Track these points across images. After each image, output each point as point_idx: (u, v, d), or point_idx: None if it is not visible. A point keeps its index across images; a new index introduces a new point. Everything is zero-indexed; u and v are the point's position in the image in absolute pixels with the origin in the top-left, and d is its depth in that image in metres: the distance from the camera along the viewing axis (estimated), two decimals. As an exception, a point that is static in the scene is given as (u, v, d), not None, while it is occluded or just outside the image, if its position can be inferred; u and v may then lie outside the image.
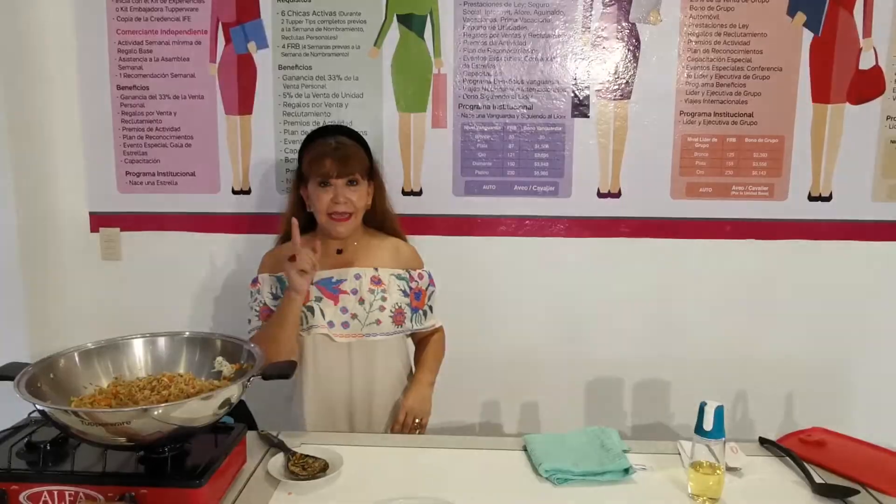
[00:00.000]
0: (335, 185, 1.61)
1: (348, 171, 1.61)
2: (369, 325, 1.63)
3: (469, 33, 2.03)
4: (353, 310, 1.63)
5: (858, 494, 1.24)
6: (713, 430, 1.22)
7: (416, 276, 1.72)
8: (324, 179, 1.61)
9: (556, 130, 2.07)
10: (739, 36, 2.01)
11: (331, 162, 1.60)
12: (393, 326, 1.66)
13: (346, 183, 1.62)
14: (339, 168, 1.60)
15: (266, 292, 1.68)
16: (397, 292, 1.67)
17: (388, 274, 1.68)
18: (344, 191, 1.61)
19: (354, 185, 1.63)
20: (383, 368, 1.68)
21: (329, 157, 1.60)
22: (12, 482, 1.12)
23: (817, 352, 2.14)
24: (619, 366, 2.18)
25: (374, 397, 1.67)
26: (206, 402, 1.13)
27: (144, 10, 2.04)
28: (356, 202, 1.63)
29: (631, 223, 2.10)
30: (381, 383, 1.68)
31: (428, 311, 1.75)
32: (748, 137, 2.06)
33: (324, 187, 1.62)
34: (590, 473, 1.30)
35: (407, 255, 1.76)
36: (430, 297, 1.76)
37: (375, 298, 1.65)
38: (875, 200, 2.07)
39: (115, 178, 2.12)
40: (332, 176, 1.60)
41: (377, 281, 1.67)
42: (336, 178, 1.61)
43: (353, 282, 1.65)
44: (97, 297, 2.15)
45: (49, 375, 1.22)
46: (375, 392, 1.67)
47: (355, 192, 1.63)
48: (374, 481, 1.30)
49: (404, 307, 1.68)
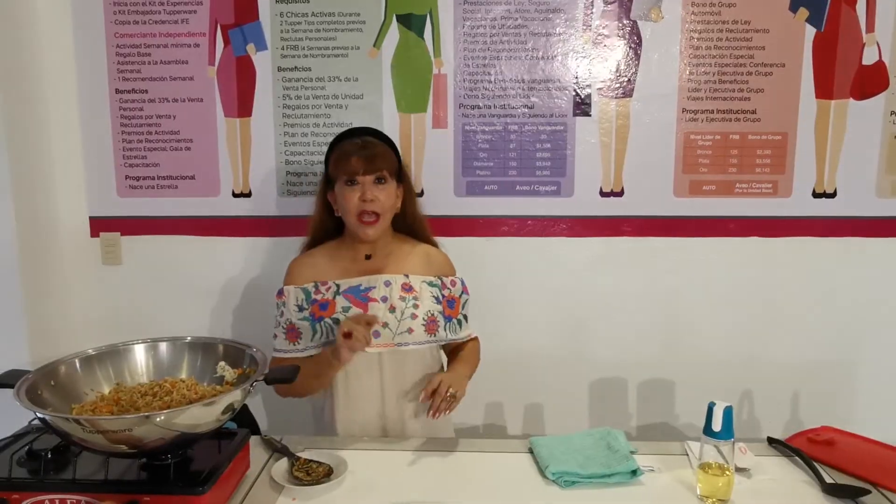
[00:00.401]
0: (362, 182, 1.54)
1: (375, 167, 1.54)
2: (401, 335, 1.54)
3: (469, 32, 2.02)
4: (384, 318, 1.54)
5: (870, 494, 1.23)
6: (722, 431, 1.21)
7: (449, 283, 1.64)
8: (350, 178, 1.54)
9: (558, 129, 2.06)
10: (741, 32, 2.00)
11: (357, 159, 1.53)
12: (426, 335, 1.56)
13: (374, 181, 1.54)
14: (366, 165, 1.53)
15: (292, 306, 1.58)
16: (430, 299, 1.59)
17: (420, 281, 1.60)
18: (371, 188, 1.54)
19: (382, 184, 1.55)
20: (415, 379, 1.60)
21: (355, 155, 1.54)
22: (13, 491, 1.12)
23: (823, 349, 2.13)
24: (624, 366, 2.16)
25: (406, 408, 1.59)
26: (208, 407, 1.12)
27: (142, 12, 2.03)
28: (384, 201, 1.55)
29: (634, 222, 2.09)
30: (414, 394, 1.58)
31: (462, 320, 1.66)
32: (751, 134, 2.05)
33: (351, 186, 1.54)
34: (597, 475, 1.29)
35: (439, 261, 1.69)
36: (465, 305, 1.68)
37: (407, 306, 1.56)
38: (880, 196, 2.05)
39: (115, 183, 2.11)
40: (358, 173, 1.53)
41: (408, 288, 1.58)
42: (363, 176, 1.54)
43: (382, 289, 1.56)
44: (98, 302, 2.14)
45: (50, 382, 1.21)
46: (408, 403, 1.59)
47: (383, 190, 1.55)
48: (379, 486, 1.29)
49: (437, 315, 1.59)
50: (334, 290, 1.57)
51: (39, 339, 1.94)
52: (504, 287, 2.12)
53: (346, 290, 1.57)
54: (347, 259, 1.62)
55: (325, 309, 1.55)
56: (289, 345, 1.59)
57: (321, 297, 1.56)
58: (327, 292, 1.57)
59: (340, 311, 1.54)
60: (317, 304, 1.56)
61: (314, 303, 1.56)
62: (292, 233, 2.10)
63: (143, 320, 2.13)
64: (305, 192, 2.09)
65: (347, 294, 1.56)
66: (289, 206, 2.10)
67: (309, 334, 1.56)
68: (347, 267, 1.61)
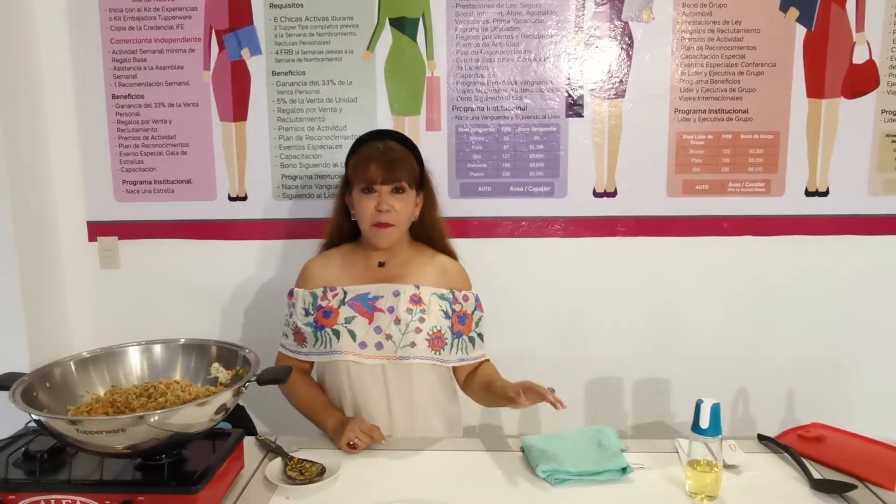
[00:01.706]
0: (380, 191, 1.50)
1: (394, 177, 1.50)
2: (403, 348, 1.51)
3: (461, 35, 2.03)
4: (388, 330, 1.51)
5: (856, 489, 1.24)
6: (710, 428, 1.22)
7: (461, 297, 1.60)
8: (368, 186, 1.51)
9: (551, 131, 2.07)
10: (732, 32, 2.01)
11: (376, 167, 1.49)
12: (429, 352, 1.53)
13: (392, 190, 1.51)
14: (385, 174, 1.49)
15: (299, 308, 1.58)
16: (438, 313, 1.55)
17: (430, 293, 1.56)
18: (388, 198, 1.50)
19: (400, 194, 1.52)
20: (423, 394, 1.57)
21: (374, 162, 1.50)
22: (10, 492, 1.13)
23: (816, 347, 2.14)
24: (619, 365, 2.17)
25: (416, 422, 1.58)
26: (201, 408, 1.14)
27: (138, 18, 2.05)
28: (400, 211, 1.52)
29: (627, 222, 2.10)
30: (421, 409, 1.57)
31: (476, 338, 1.62)
32: (743, 134, 2.06)
33: (367, 194, 1.51)
34: (587, 473, 1.30)
35: (453, 274, 1.63)
36: (478, 322, 1.63)
37: (413, 319, 1.52)
38: (871, 194, 2.06)
39: (112, 187, 2.12)
40: (376, 182, 1.50)
41: (417, 300, 1.55)
42: (381, 185, 1.50)
43: (390, 299, 1.54)
44: (96, 306, 2.16)
45: (45, 385, 1.23)
46: (417, 417, 1.58)
47: (400, 200, 1.52)
48: (372, 485, 1.31)
49: (444, 331, 1.55)
50: (341, 298, 1.56)
51: (37, 342, 1.96)
52: (498, 288, 2.13)
53: (354, 297, 1.55)
54: (361, 265, 1.61)
55: (328, 317, 1.54)
56: (296, 346, 1.60)
57: (326, 304, 1.55)
58: (333, 299, 1.56)
59: (343, 321, 1.53)
60: (321, 310, 1.55)
61: (319, 309, 1.56)
62: (288, 236, 2.12)
63: (141, 323, 2.14)
64: (301, 196, 2.11)
65: (354, 302, 1.55)
66: (284, 210, 2.12)
67: (311, 340, 1.56)
68: (360, 273, 1.59)
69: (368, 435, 1.44)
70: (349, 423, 1.45)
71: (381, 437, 1.45)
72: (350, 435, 1.43)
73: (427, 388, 1.59)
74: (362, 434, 1.43)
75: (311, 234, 2.03)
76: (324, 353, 1.55)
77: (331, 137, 2.08)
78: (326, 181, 2.10)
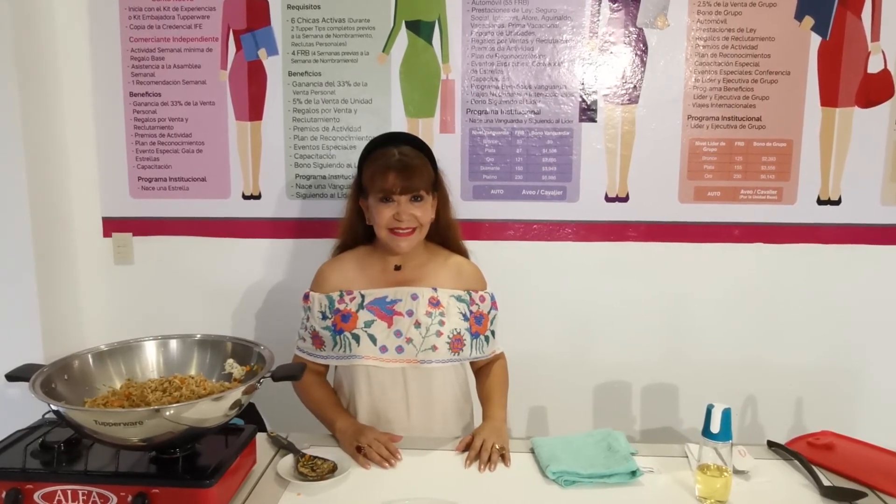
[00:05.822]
0: (398, 201, 1.49)
1: (412, 187, 1.49)
2: (425, 352, 1.51)
3: (477, 39, 2.05)
4: (408, 333, 1.51)
5: (866, 497, 1.24)
6: (720, 433, 1.23)
7: (478, 298, 1.60)
8: (386, 196, 1.50)
9: (564, 135, 2.08)
10: (747, 40, 2.02)
11: (394, 177, 1.47)
12: (450, 354, 1.53)
13: (410, 199, 1.50)
14: (403, 184, 1.47)
15: (316, 312, 1.57)
16: (457, 315, 1.55)
17: (448, 295, 1.56)
18: (407, 207, 1.49)
19: (419, 201, 1.51)
20: (442, 395, 1.58)
21: (392, 172, 1.47)
22: (27, 481, 1.15)
23: (827, 355, 2.13)
24: (628, 370, 2.18)
25: (434, 423, 1.59)
26: (216, 403, 1.15)
27: (157, 17, 2.07)
28: (420, 218, 1.51)
29: (639, 227, 2.11)
30: (440, 411, 1.59)
31: (490, 336, 1.63)
32: (756, 141, 2.06)
33: (385, 203, 1.50)
34: (597, 476, 1.31)
35: (469, 274, 1.63)
36: (493, 321, 1.64)
37: (433, 322, 1.52)
38: (884, 204, 2.06)
39: (128, 184, 2.15)
40: (395, 192, 1.48)
41: (435, 303, 1.54)
42: (399, 195, 1.49)
43: (409, 302, 1.53)
44: (110, 301, 2.18)
45: (63, 377, 1.25)
46: (435, 419, 1.59)
47: (420, 207, 1.51)
48: (383, 482, 1.31)
49: (463, 333, 1.55)
50: (359, 302, 1.55)
51: (53, 335, 1.98)
52: (509, 290, 2.12)
53: (372, 301, 1.55)
54: (377, 268, 1.59)
55: (346, 321, 1.53)
56: (314, 349, 1.60)
57: (344, 308, 1.54)
58: (351, 303, 1.55)
59: (363, 325, 1.53)
60: (339, 314, 1.54)
61: (337, 312, 1.55)
62: (301, 235, 2.14)
63: (154, 319, 2.17)
64: (314, 195, 2.12)
65: (372, 306, 1.54)
66: (298, 209, 2.13)
67: (330, 344, 1.56)
68: (376, 276, 1.58)
69: (385, 446, 1.40)
70: (365, 430, 1.45)
71: (394, 453, 1.40)
72: (363, 444, 1.40)
73: (445, 389, 1.60)
74: (376, 443, 1.40)
75: (324, 234, 2.05)
76: (343, 357, 1.55)
77: (345, 138, 2.10)
78: (340, 181, 2.11)
